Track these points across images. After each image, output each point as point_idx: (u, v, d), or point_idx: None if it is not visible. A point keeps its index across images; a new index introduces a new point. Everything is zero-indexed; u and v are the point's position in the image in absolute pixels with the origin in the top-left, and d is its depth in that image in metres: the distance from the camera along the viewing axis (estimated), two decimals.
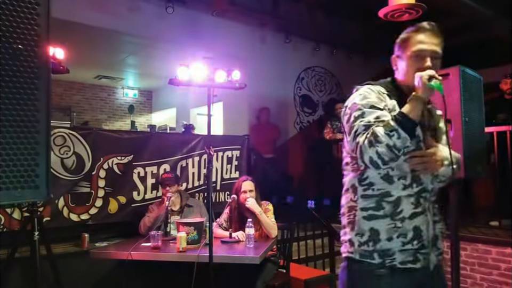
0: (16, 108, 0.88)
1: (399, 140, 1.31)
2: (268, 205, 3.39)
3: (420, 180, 1.46)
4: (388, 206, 1.43)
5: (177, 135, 5.20)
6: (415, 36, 1.47)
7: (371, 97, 1.45)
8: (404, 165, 1.44)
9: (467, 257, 3.75)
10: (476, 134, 2.32)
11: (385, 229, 1.43)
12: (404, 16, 3.31)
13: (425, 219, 1.45)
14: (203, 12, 5.59)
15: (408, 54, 1.48)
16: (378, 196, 1.45)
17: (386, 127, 1.33)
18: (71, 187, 3.56)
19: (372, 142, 1.33)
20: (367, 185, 1.47)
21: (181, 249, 2.74)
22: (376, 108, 1.42)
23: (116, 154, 3.80)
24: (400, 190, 1.44)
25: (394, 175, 1.44)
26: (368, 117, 1.40)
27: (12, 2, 0.89)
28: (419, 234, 1.43)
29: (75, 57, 6.28)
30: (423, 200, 1.45)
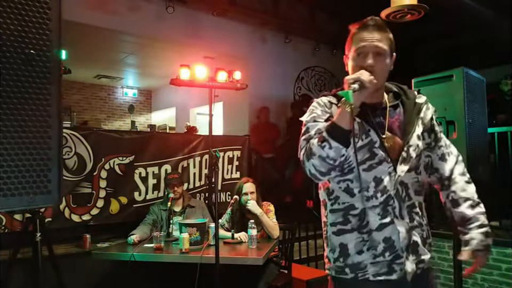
0: (28, 114, 0.87)
1: (331, 150, 1.26)
2: (269, 205, 3.39)
3: (384, 188, 1.37)
4: (354, 219, 1.40)
5: (178, 135, 5.20)
6: (357, 34, 1.40)
7: (316, 111, 1.43)
8: (362, 176, 1.37)
9: None
10: (478, 135, 2.33)
11: (353, 243, 1.39)
12: (406, 17, 3.32)
13: (395, 228, 1.36)
14: (203, 11, 5.58)
15: (351, 53, 1.41)
16: (344, 209, 1.42)
17: (319, 139, 1.29)
18: (73, 188, 3.56)
19: (308, 155, 1.31)
20: (334, 199, 1.44)
21: (184, 250, 2.74)
22: (317, 121, 1.39)
23: (117, 154, 3.80)
24: (364, 201, 1.38)
25: (354, 188, 1.39)
26: (310, 131, 1.38)
27: (24, 7, 0.89)
28: (391, 245, 1.36)
29: (75, 56, 6.30)
30: (391, 209, 1.37)
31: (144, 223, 3.41)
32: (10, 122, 0.83)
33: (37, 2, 0.93)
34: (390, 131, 1.42)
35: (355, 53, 1.39)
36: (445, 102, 2.31)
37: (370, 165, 1.37)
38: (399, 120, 1.45)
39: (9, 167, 0.83)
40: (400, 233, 1.36)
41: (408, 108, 1.46)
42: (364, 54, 1.36)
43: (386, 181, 1.37)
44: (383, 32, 1.39)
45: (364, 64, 1.35)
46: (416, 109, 1.46)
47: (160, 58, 6.86)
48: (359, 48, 1.37)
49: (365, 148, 1.37)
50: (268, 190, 5.03)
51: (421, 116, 1.45)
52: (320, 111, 1.43)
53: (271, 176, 5.28)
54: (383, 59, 1.37)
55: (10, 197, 0.87)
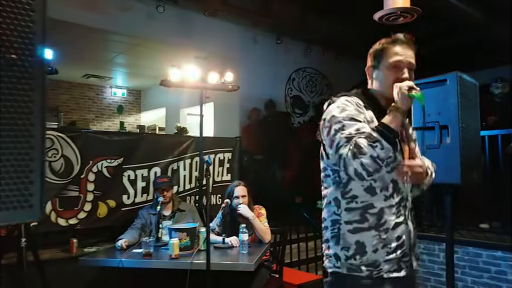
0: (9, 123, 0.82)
1: (382, 150, 1.31)
2: (261, 209, 3.35)
3: (399, 189, 1.48)
4: (372, 218, 1.44)
5: (168, 137, 5.12)
6: (392, 48, 1.51)
7: (350, 109, 1.44)
8: (385, 176, 1.45)
9: (458, 260, 3.77)
10: (472, 140, 2.31)
11: (370, 241, 1.44)
12: (399, 20, 3.31)
13: (406, 228, 1.48)
14: (195, 11, 5.52)
15: (385, 65, 1.51)
16: (362, 208, 1.46)
17: (369, 139, 1.32)
18: (59, 191, 3.46)
19: (356, 153, 1.32)
20: (351, 198, 1.47)
21: (174, 256, 2.68)
22: (355, 120, 1.41)
23: (106, 157, 3.72)
24: (382, 201, 1.45)
25: (377, 187, 1.45)
26: (349, 129, 1.38)
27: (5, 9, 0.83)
28: (402, 244, 1.46)
29: (63, 56, 6.17)
30: (403, 210, 1.49)
31: (133, 227, 3.34)
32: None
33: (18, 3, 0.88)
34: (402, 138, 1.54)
35: (390, 65, 1.49)
36: (439, 106, 2.29)
37: (392, 168, 1.46)
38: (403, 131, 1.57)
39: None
40: (410, 232, 1.50)
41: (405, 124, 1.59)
42: (399, 67, 1.48)
43: (400, 183, 1.48)
44: (414, 50, 1.53)
45: (400, 77, 1.47)
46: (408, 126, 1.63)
47: (150, 58, 6.77)
48: (395, 61, 1.49)
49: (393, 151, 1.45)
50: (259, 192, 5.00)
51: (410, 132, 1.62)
52: (354, 109, 1.45)
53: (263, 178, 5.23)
54: (412, 74, 1.51)
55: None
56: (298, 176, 5.92)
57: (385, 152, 1.31)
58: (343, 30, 6.77)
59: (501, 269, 3.53)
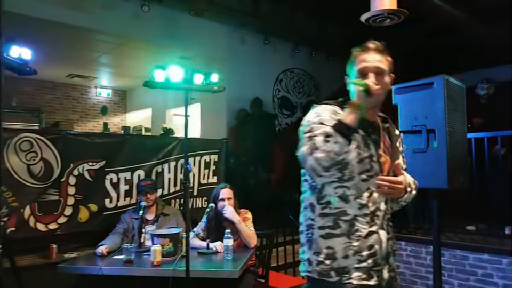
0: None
1: (336, 144, 1.34)
2: (247, 213, 3.29)
3: (375, 199, 1.50)
4: (345, 224, 1.48)
5: (152, 139, 5.01)
6: (360, 56, 1.54)
7: (324, 115, 1.50)
8: (360, 184, 1.48)
9: (445, 263, 3.76)
10: (459, 144, 2.29)
11: (341, 248, 1.47)
12: (386, 22, 3.27)
13: (379, 238, 1.50)
14: (180, 10, 5.43)
15: (354, 74, 1.54)
16: (335, 214, 1.49)
17: (324, 135, 1.37)
18: (39, 195, 3.35)
19: (311, 149, 1.38)
20: (325, 204, 1.51)
21: (156, 263, 2.60)
22: (324, 124, 1.45)
23: (87, 159, 3.61)
24: (356, 209, 1.48)
25: (350, 195, 1.48)
26: (315, 131, 1.43)
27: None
28: (373, 253, 1.48)
29: (46, 55, 6.04)
30: (377, 219, 1.50)
31: (115, 232, 3.25)
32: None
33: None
34: (382, 151, 1.56)
35: (357, 73, 1.52)
36: (426, 110, 2.26)
37: (367, 176, 1.49)
38: (387, 141, 1.59)
39: None
40: (383, 242, 1.50)
41: (392, 135, 1.63)
42: (365, 73, 1.50)
43: (375, 194, 1.50)
44: (382, 55, 1.54)
45: None
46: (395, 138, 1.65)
47: (135, 58, 6.65)
48: (361, 68, 1.51)
49: (365, 160, 1.48)
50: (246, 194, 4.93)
51: (397, 145, 1.63)
52: (328, 116, 1.49)
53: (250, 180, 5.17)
54: (383, 78, 1.51)
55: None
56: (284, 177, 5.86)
57: (339, 146, 1.34)
58: (331, 31, 6.75)
59: (488, 272, 3.53)
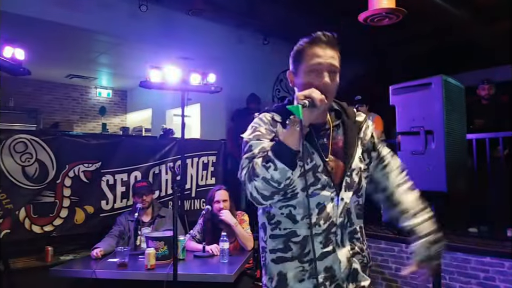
0: None
1: (277, 171, 1.16)
2: (243, 215, 3.25)
3: (327, 215, 1.30)
4: (295, 247, 1.31)
5: (149, 140, 4.96)
6: (310, 49, 1.31)
7: (260, 129, 1.33)
8: (306, 202, 1.25)
9: (446, 266, 3.70)
10: (458, 145, 2.24)
11: (293, 272, 1.32)
12: (384, 21, 3.22)
13: (336, 257, 1.31)
14: (178, 10, 5.39)
15: (303, 69, 1.32)
16: (285, 235, 1.33)
17: (264, 159, 1.19)
18: (33, 197, 3.33)
19: (251, 175, 1.20)
20: (275, 224, 1.35)
21: (150, 267, 2.56)
22: (261, 140, 1.29)
23: (83, 161, 3.59)
24: (306, 229, 1.30)
25: (297, 214, 1.31)
26: (254, 149, 1.27)
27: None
28: (332, 275, 1.31)
29: (44, 55, 6.01)
30: (333, 237, 1.31)
31: (110, 234, 3.21)
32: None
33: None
34: (333, 154, 1.35)
35: (308, 69, 1.30)
36: (423, 110, 2.21)
37: (313, 191, 1.29)
38: (342, 141, 1.38)
39: None
40: (341, 262, 1.32)
41: (348, 127, 1.39)
42: (318, 71, 1.29)
43: (329, 207, 1.30)
44: (335, 49, 1.33)
45: (319, 82, 1.27)
46: (356, 128, 1.41)
47: (134, 58, 6.61)
48: (313, 64, 1.29)
49: (309, 173, 1.29)
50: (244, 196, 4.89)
51: (360, 135, 1.41)
52: (264, 129, 1.33)
53: None
54: (335, 77, 1.32)
55: None
56: None
57: (280, 173, 1.16)
58: (330, 30, 6.69)
59: (490, 275, 3.46)
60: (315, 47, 1.31)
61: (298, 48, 1.36)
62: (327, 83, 1.27)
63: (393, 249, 4.17)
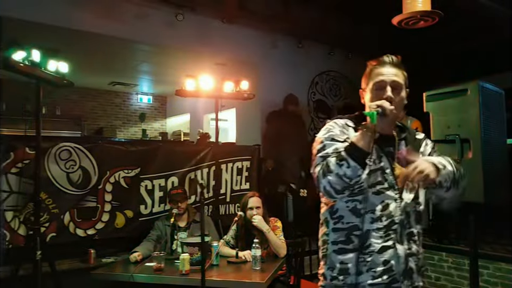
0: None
1: (349, 169, 1.33)
2: (277, 221, 3.27)
3: (390, 212, 1.45)
4: (357, 239, 1.45)
5: (185, 146, 5.10)
6: (375, 70, 1.53)
7: (334, 131, 1.50)
8: (371, 198, 1.44)
9: (489, 277, 3.55)
10: (496, 154, 2.15)
11: (354, 263, 1.44)
12: (419, 24, 3.13)
13: (395, 253, 1.43)
14: (213, 18, 5.50)
15: (370, 87, 1.53)
16: (348, 229, 1.47)
17: (337, 157, 1.36)
18: (77, 202, 3.51)
19: (325, 171, 1.37)
20: (337, 219, 1.49)
21: (184, 272, 2.64)
22: (336, 140, 1.46)
23: (123, 167, 3.74)
24: (369, 223, 1.44)
25: (361, 209, 1.45)
26: (327, 149, 1.44)
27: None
28: (389, 269, 1.43)
29: (88, 65, 6.34)
30: (393, 233, 1.44)
31: (148, 239, 3.34)
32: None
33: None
34: (397, 161, 1.51)
35: (373, 86, 1.51)
36: (459, 118, 2.14)
37: (379, 189, 1.45)
38: (404, 153, 1.53)
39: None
40: (400, 257, 1.43)
41: (410, 143, 1.56)
42: (382, 87, 1.48)
43: (392, 206, 1.45)
44: (398, 69, 1.52)
45: (383, 97, 1.46)
46: (417, 144, 1.58)
47: (172, 65, 6.81)
48: (378, 82, 1.50)
49: (377, 172, 1.45)
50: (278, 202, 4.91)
51: (421, 150, 1.58)
52: (339, 130, 1.50)
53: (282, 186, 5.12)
54: (399, 92, 1.50)
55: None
56: None
57: (352, 171, 1.33)
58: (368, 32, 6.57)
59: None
60: (380, 67, 1.52)
61: (367, 70, 1.58)
62: (389, 97, 1.45)
63: (433, 258, 4.04)
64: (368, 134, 1.34)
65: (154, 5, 5.13)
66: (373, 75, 1.53)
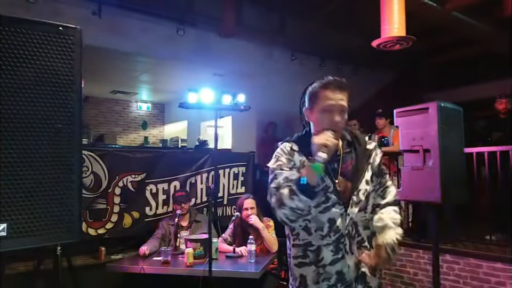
0: (57, 179, 1.16)
1: (301, 202, 1.44)
2: (269, 221, 3.64)
3: (337, 228, 1.57)
4: (312, 254, 1.59)
5: (186, 153, 5.47)
6: (323, 92, 1.59)
7: (281, 159, 1.61)
8: (319, 217, 1.57)
9: (460, 271, 3.94)
10: (453, 162, 2.55)
11: (311, 275, 1.59)
12: (395, 47, 3.55)
13: (345, 263, 1.58)
14: (212, 32, 5.85)
15: (318, 109, 1.60)
16: (303, 245, 1.62)
17: (290, 192, 1.46)
18: (89, 204, 3.87)
19: (280, 204, 1.49)
20: (295, 235, 1.65)
21: (188, 264, 3.01)
22: (283, 169, 1.57)
23: (130, 172, 4.11)
24: (319, 239, 1.58)
25: (311, 227, 1.59)
26: (278, 179, 1.55)
27: None
28: (342, 278, 1.58)
29: (91, 75, 6.67)
30: (342, 246, 1.58)
31: (154, 237, 3.70)
32: (42, 184, 1.13)
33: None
34: (343, 175, 1.61)
35: (321, 109, 1.59)
36: (422, 131, 2.53)
37: (325, 208, 1.57)
38: (352, 164, 1.64)
39: (45, 216, 1.13)
40: (350, 267, 1.58)
41: (359, 154, 1.66)
42: (330, 111, 1.57)
43: (338, 221, 1.57)
44: (344, 91, 1.61)
45: (331, 120, 1.56)
46: (367, 155, 1.68)
47: (171, 75, 7.19)
48: (326, 106, 1.58)
49: (320, 193, 1.54)
50: None
51: (370, 161, 1.67)
52: (285, 159, 1.61)
53: None
54: (344, 115, 1.60)
55: (44, 235, 1.16)
56: None
57: (304, 203, 1.44)
58: (357, 44, 6.99)
59: (501, 280, 3.68)
60: (326, 90, 1.59)
61: (313, 90, 1.64)
62: (338, 121, 1.56)
63: (411, 255, 4.43)
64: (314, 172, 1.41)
65: (157, 20, 5.49)
66: (320, 97, 1.59)
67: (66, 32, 1.27)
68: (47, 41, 1.25)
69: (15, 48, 1.21)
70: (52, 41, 1.24)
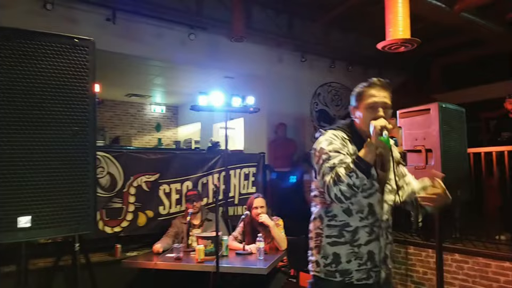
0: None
1: (358, 179, 1.57)
2: (278, 220, 3.74)
3: (374, 212, 1.76)
4: (348, 234, 1.76)
5: (198, 154, 5.62)
6: (368, 91, 1.76)
7: (336, 143, 1.73)
8: (362, 200, 1.74)
9: (469, 270, 3.97)
10: (455, 161, 2.62)
11: (345, 254, 1.75)
12: (400, 49, 3.61)
13: (378, 244, 1.77)
14: (223, 35, 5.99)
15: (363, 106, 1.76)
16: (340, 226, 1.77)
17: (347, 169, 1.59)
18: (106, 203, 4.03)
19: (336, 181, 1.60)
20: (331, 217, 1.79)
21: (200, 260, 3.13)
22: (339, 152, 1.69)
23: (144, 173, 4.26)
24: (358, 221, 1.75)
25: (353, 209, 1.75)
26: (333, 160, 1.66)
27: None
28: (372, 257, 1.76)
29: (107, 79, 6.89)
30: (376, 229, 1.77)
31: (167, 235, 3.84)
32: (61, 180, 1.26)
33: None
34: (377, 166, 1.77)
35: (367, 106, 1.74)
36: (424, 132, 2.61)
37: (369, 193, 1.74)
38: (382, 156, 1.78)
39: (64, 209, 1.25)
40: (381, 248, 1.78)
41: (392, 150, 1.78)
42: (375, 107, 1.72)
43: (376, 206, 1.76)
44: (388, 90, 1.77)
45: (376, 115, 1.70)
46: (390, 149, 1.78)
47: (184, 78, 7.36)
48: (371, 103, 1.73)
49: (368, 180, 1.66)
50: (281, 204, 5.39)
51: (393, 155, 1.77)
52: (340, 143, 1.74)
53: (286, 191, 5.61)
54: (389, 112, 1.75)
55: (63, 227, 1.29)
56: None
57: (360, 181, 1.57)
58: (366, 45, 7.05)
59: (510, 279, 3.70)
60: (372, 89, 1.75)
61: (359, 90, 1.80)
62: (381, 116, 1.69)
63: (421, 254, 4.47)
64: (373, 148, 1.59)
65: (169, 26, 5.65)
66: (365, 95, 1.75)
67: (81, 44, 1.41)
68: (64, 52, 1.38)
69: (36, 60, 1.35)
70: (68, 52, 1.37)
